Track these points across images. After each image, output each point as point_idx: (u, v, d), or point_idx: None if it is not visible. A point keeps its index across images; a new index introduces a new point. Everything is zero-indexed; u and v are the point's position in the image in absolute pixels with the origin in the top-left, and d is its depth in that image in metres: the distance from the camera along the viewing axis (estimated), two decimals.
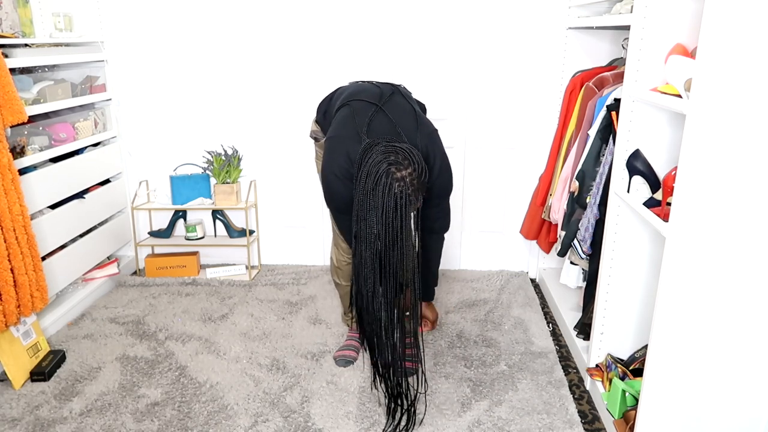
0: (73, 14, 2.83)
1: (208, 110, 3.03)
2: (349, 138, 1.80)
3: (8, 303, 2.04)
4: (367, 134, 1.78)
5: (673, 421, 1.63)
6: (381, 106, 1.86)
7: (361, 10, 2.83)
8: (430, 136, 1.87)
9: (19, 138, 2.34)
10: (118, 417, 1.94)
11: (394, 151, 1.64)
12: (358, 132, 1.79)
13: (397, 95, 1.95)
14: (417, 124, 1.86)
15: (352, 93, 1.96)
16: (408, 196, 1.63)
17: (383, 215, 1.63)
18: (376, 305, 1.75)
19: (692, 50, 1.65)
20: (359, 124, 1.81)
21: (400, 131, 1.80)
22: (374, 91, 1.96)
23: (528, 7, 2.77)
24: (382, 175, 1.61)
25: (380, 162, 1.62)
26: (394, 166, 1.62)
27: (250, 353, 2.33)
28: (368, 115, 1.83)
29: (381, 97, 1.91)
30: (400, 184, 1.62)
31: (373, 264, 1.70)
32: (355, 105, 1.89)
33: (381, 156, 1.63)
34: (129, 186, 3.11)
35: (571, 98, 2.47)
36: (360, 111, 1.86)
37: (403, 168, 1.62)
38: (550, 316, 2.66)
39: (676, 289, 1.52)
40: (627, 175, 1.84)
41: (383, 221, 1.64)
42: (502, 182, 3.03)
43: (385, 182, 1.61)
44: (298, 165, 3.06)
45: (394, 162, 1.62)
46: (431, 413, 1.95)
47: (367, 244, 1.69)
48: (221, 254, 3.26)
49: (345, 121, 1.86)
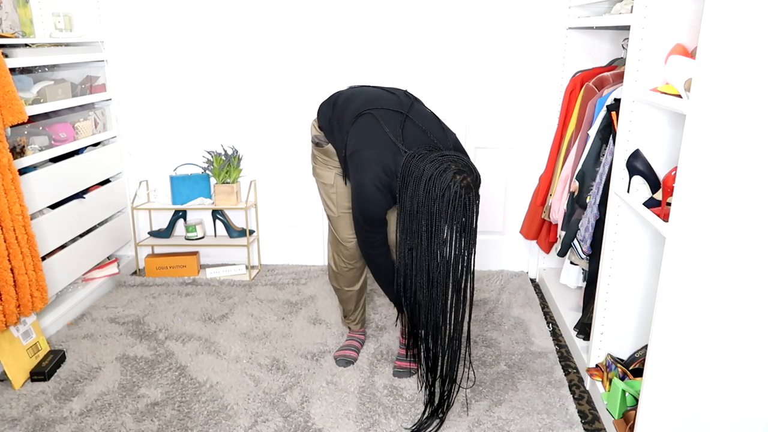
0: (73, 14, 2.83)
1: (208, 110, 3.03)
2: (385, 148, 1.77)
3: (8, 303, 2.04)
4: (403, 144, 1.77)
5: (673, 421, 1.63)
6: (407, 114, 1.84)
7: (361, 10, 2.83)
8: (456, 140, 1.88)
9: (19, 138, 2.34)
10: (118, 417, 1.94)
11: (452, 160, 1.65)
12: (393, 142, 1.77)
13: (416, 102, 1.94)
14: (443, 130, 1.86)
15: (368, 100, 1.91)
16: (472, 201, 1.66)
17: (452, 221, 1.65)
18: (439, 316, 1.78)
19: (692, 50, 1.65)
20: (393, 134, 1.79)
21: (433, 138, 1.80)
22: (390, 98, 1.92)
23: (528, 7, 2.77)
24: (451, 183, 1.62)
25: (444, 171, 1.63)
26: (459, 175, 1.63)
27: (250, 353, 2.33)
28: (399, 124, 1.81)
29: (401, 104, 1.89)
30: (467, 190, 1.63)
31: (438, 277, 1.73)
32: (378, 114, 1.84)
33: (442, 166, 1.63)
34: (129, 186, 3.11)
35: (571, 98, 2.47)
36: (387, 120, 1.83)
37: (468, 175, 1.64)
38: (550, 316, 2.66)
39: (676, 289, 1.52)
40: (627, 175, 1.84)
41: (454, 227, 1.66)
42: (502, 182, 3.03)
43: (455, 191, 1.62)
44: (298, 165, 3.06)
45: (459, 171, 1.63)
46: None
47: (431, 255, 1.70)
48: (221, 254, 3.26)
49: (375, 132, 1.82)
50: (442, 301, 1.76)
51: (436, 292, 1.75)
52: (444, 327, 1.80)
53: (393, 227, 1.98)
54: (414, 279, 1.77)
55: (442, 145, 1.78)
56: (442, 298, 1.76)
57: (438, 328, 1.80)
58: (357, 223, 1.89)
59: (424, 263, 1.72)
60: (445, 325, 1.79)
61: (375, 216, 1.84)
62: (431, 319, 1.79)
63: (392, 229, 2.00)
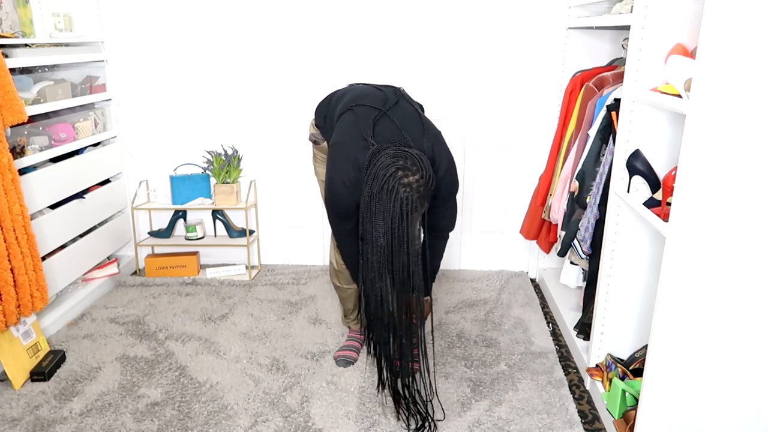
0: (73, 14, 2.83)
1: (208, 110, 3.03)
2: (355, 144, 1.78)
3: (8, 303, 2.04)
4: (373, 139, 1.76)
5: (673, 421, 1.63)
6: (386, 111, 1.84)
7: (360, 10, 2.83)
8: (436, 138, 1.86)
9: (19, 138, 2.34)
10: (118, 417, 1.94)
11: (403, 156, 1.63)
12: (364, 137, 1.78)
13: (402, 100, 1.94)
14: (423, 128, 1.85)
15: (354, 98, 1.94)
16: (413, 201, 1.63)
17: (390, 219, 1.63)
18: (384, 308, 1.75)
19: (692, 50, 1.65)
20: (364, 129, 1.79)
21: (407, 136, 1.79)
22: (377, 95, 1.93)
23: (528, 7, 2.77)
24: (390, 178, 1.61)
25: (389, 165, 1.62)
26: (402, 171, 1.61)
27: (250, 353, 2.33)
28: (372, 120, 1.81)
29: (386, 101, 1.89)
30: (406, 189, 1.61)
31: (379, 267, 1.71)
32: (358, 110, 1.86)
33: (390, 159, 1.63)
34: (129, 186, 3.11)
35: (571, 98, 2.47)
36: (364, 116, 1.84)
37: (411, 174, 1.62)
38: (550, 316, 2.66)
39: (676, 289, 1.52)
40: (627, 175, 1.84)
41: (389, 225, 1.64)
42: (502, 182, 3.03)
43: (392, 186, 1.61)
44: (298, 165, 3.06)
45: (402, 167, 1.62)
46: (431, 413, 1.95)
47: (373, 248, 1.69)
48: (221, 254, 3.26)
49: (350, 127, 1.84)
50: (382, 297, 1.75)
51: (378, 288, 1.74)
52: (390, 328, 1.78)
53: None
54: (364, 273, 1.77)
55: (415, 143, 1.77)
56: (380, 294, 1.75)
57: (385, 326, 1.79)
58: (328, 212, 1.90)
59: (374, 258, 1.71)
60: (392, 325, 1.78)
61: (342, 209, 1.84)
62: (379, 322, 1.79)
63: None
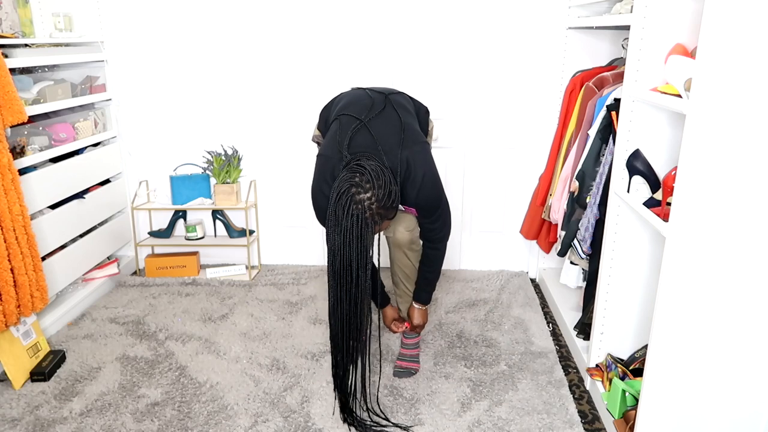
0: (73, 14, 2.83)
1: (208, 110, 3.03)
2: (332, 156, 1.81)
3: (8, 303, 2.04)
4: (348, 151, 1.78)
5: (673, 421, 1.63)
6: (365, 122, 1.84)
7: (361, 10, 2.83)
8: (414, 149, 1.83)
9: (19, 138, 2.34)
10: (118, 417, 1.94)
11: (359, 172, 1.65)
12: (340, 150, 1.80)
13: (388, 108, 1.92)
14: (402, 139, 1.83)
15: (344, 105, 1.95)
16: (365, 219, 1.64)
17: (345, 234, 1.66)
18: (336, 317, 1.77)
19: (692, 50, 1.65)
20: (341, 141, 1.81)
21: (380, 148, 1.79)
22: (365, 102, 1.93)
23: (528, 7, 2.77)
24: (343, 195, 1.63)
25: (344, 181, 1.65)
26: (355, 188, 1.63)
27: (250, 353, 2.33)
28: (350, 131, 1.83)
29: (371, 110, 1.89)
30: (357, 207, 1.63)
31: (334, 278, 1.73)
32: (343, 120, 1.88)
33: (348, 174, 1.66)
34: (129, 186, 3.11)
35: (571, 98, 2.47)
36: (345, 126, 1.85)
37: (362, 191, 1.63)
38: (550, 316, 2.66)
39: (676, 289, 1.52)
40: (627, 175, 1.84)
41: (342, 239, 1.67)
42: (502, 182, 3.03)
43: (345, 202, 1.63)
44: (298, 165, 3.06)
45: (356, 183, 1.64)
46: (431, 413, 1.95)
47: (332, 259, 1.72)
48: (221, 254, 3.26)
49: (331, 139, 1.87)
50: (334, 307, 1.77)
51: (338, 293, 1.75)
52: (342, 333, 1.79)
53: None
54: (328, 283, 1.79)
55: (390, 155, 1.78)
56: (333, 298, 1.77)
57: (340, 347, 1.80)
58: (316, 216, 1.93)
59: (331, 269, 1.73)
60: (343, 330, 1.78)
61: (323, 220, 1.87)
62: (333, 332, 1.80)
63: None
